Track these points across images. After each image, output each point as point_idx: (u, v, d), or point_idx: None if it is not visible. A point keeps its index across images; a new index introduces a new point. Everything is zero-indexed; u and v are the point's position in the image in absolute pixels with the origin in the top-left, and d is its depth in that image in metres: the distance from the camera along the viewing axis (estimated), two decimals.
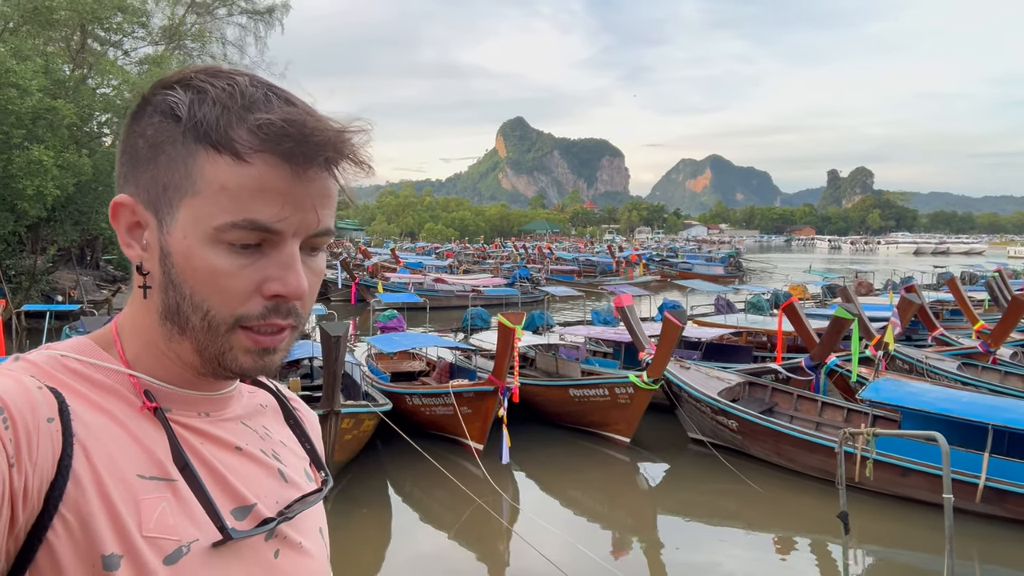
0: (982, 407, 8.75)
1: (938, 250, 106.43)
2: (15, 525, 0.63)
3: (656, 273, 45.86)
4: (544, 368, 14.15)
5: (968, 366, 12.97)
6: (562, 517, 8.97)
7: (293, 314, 0.75)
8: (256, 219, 0.70)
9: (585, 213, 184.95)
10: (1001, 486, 8.09)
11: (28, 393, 0.66)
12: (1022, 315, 14.22)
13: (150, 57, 27.50)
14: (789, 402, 11.11)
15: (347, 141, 0.72)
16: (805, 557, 8.02)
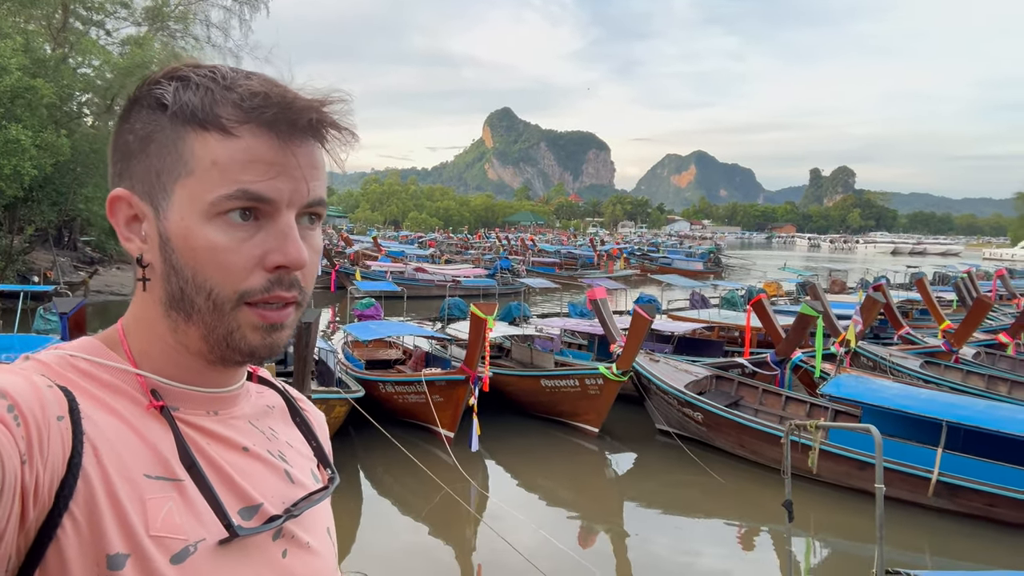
0: (938, 404, 9.02)
1: (915, 250, 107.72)
2: (26, 522, 0.63)
3: (636, 267, 46.16)
4: (519, 359, 14.34)
5: (931, 364, 13.29)
6: (530, 505, 9.15)
7: (296, 286, 0.75)
8: (248, 188, 0.72)
9: (570, 206, 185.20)
10: (953, 481, 8.34)
11: (38, 391, 0.66)
12: (985, 316, 14.61)
13: (132, 38, 27.23)
14: (754, 396, 11.38)
15: (327, 107, 0.74)
16: (762, 546, 8.26)
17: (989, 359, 14.69)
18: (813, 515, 8.64)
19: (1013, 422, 8.35)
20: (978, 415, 8.58)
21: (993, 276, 27.83)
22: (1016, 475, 8.12)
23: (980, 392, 11.75)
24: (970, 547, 7.99)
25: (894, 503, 8.60)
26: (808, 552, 8.08)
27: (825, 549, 8.18)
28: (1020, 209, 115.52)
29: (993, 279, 27.07)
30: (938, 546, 8.09)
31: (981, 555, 7.79)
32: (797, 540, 8.18)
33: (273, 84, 0.73)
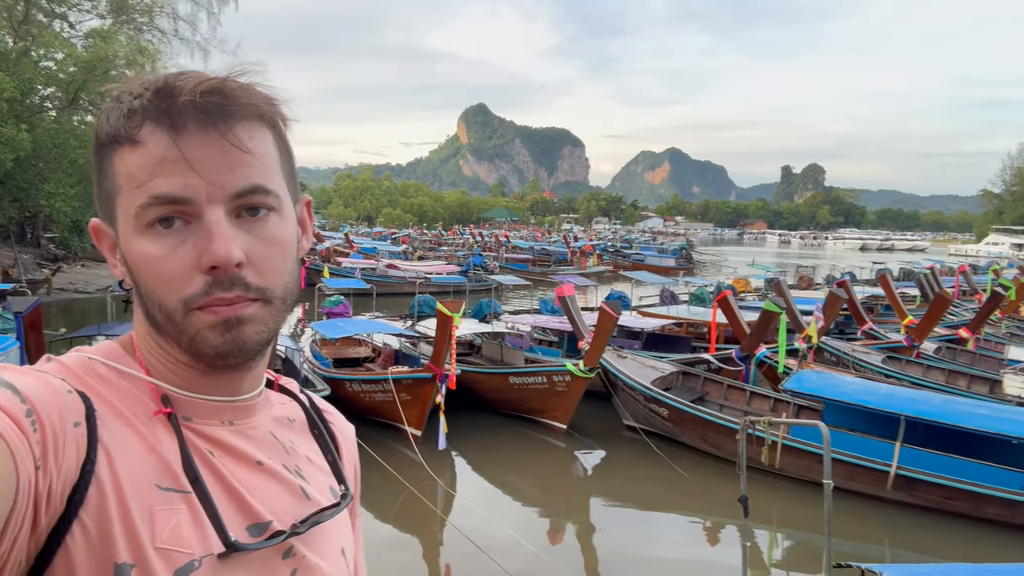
0: (896, 399, 9.18)
1: (883, 247, 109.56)
2: (37, 526, 0.63)
3: (609, 264, 46.37)
4: (489, 356, 14.34)
5: (893, 359, 13.53)
6: (498, 503, 9.16)
7: (238, 285, 0.72)
8: (159, 192, 0.70)
9: (545, 202, 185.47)
10: (911, 474, 8.49)
11: (57, 396, 0.66)
12: (945, 311, 14.91)
13: (96, 31, 26.72)
14: (720, 392, 11.50)
15: (208, 85, 0.71)
16: (724, 539, 8.34)
17: (950, 354, 15.00)
18: (775, 509, 8.77)
19: (969, 416, 8.53)
20: (935, 409, 8.76)
21: (956, 272, 28.42)
22: (971, 468, 8.30)
23: (940, 387, 11.99)
24: (927, 540, 8.14)
25: (855, 496, 8.75)
26: (771, 545, 8.20)
27: (787, 542, 8.30)
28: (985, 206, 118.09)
29: (956, 275, 27.64)
30: (896, 539, 8.24)
31: (938, 547, 7.94)
32: (760, 533, 8.30)
33: (169, 76, 0.72)
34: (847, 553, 7.52)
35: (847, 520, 8.23)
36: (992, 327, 17.42)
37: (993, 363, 14.08)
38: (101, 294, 21.88)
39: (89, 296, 24.24)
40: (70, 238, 28.08)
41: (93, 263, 31.43)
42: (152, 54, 26.18)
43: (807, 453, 8.94)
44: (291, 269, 0.78)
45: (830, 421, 8.63)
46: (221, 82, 0.71)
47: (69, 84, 23.82)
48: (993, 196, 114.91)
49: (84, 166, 22.31)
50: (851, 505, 8.58)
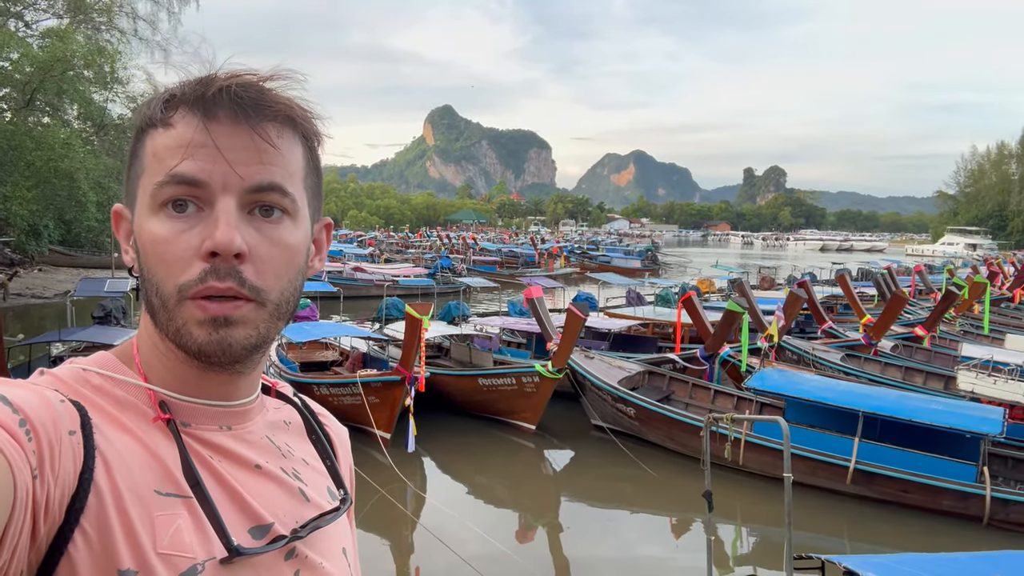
0: (855, 395, 9.45)
1: (843, 247, 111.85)
2: (37, 536, 0.62)
3: (576, 266, 46.65)
4: (458, 358, 14.38)
5: (851, 357, 13.89)
6: (468, 504, 9.21)
7: (233, 277, 0.71)
8: (177, 171, 0.71)
9: (512, 204, 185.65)
10: (869, 468, 8.74)
11: (50, 406, 0.66)
12: (901, 310, 15.33)
13: (53, 30, 26.12)
14: (685, 390, 11.70)
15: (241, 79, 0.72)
16: (690, 535, 8.50)
17: (906, 351, 15.44)
18: (739, 504, 8.96)
19: (924, 411, 8.82)
20: (891, 405, 9.04)
21: (912, 272, 29.20)
22: (926, 462, 8.58)
23: (896, 383, 12.34)
24: (885, 531, 8.37)
25: (816, 491, 8.98)
26: (735, 540, 8.37)
27: (751, 536, 8.49)
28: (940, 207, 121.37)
29: (912, 275, 28.40)
30: (855, 532, 8.47)
31: (896, 539, 8.18)
32: (725, 529, 8.47)
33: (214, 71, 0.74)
34: (809, 545, 7.71)
35: (808, 514, 8.45)
36: (947, 325, 17.97)
37: (948, 360, 14.52)
38: (60, 299, 21.39)
39: (47, 301, 23.69)
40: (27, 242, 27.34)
41: (51, 268, 30.71)
42: (111, 54, 25.65)
43: (769, 449, 9.15)
44: (292, 277, 0.77)
45: (792, 418, 8.85)
46: (260, 80, 0.73)
47: (25, 85, 23.23)
48: (948, 197, 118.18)
49: (41, 168, 21.77)
50: (812, 499, 8.81)
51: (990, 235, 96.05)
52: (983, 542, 7.88)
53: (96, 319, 14.86)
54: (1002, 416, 8.63)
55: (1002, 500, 8.16)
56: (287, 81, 0.75)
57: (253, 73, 0.74)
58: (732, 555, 8.00)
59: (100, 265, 30.35)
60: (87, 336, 13.13)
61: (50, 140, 22.00)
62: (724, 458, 8.76)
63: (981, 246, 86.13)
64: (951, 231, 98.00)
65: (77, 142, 23.06)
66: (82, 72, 24.46)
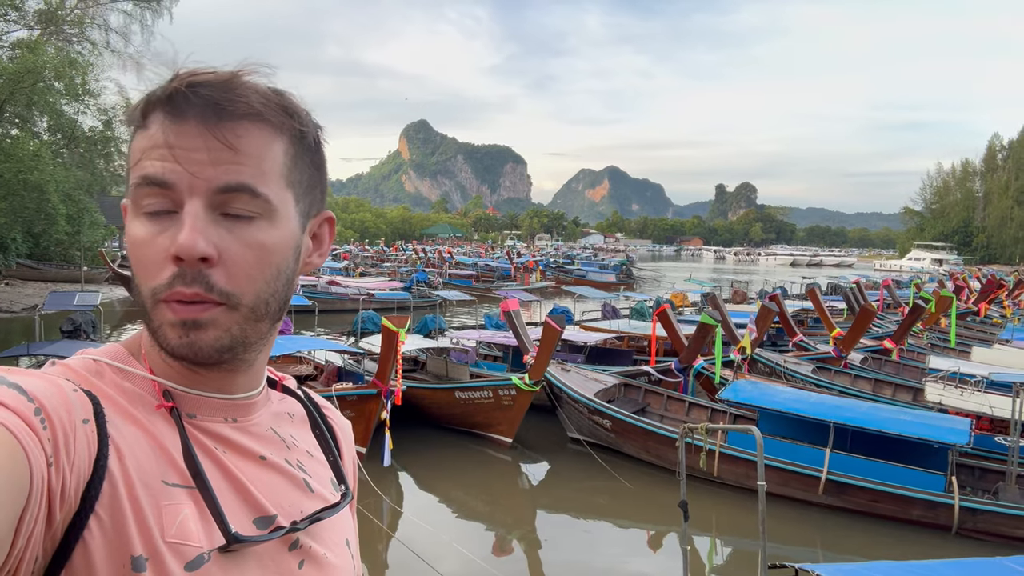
0: (826, 407, 9.60)
1: (812, 262, 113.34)
2: (52, 523, 0.63)
3: (552, 279, 46.79)
4: (435, 371, 14.33)
5: (822, 370, 14.10)
6: (444, 518, 9.17)
7: (199, 282, 0.70)
8: (146, 173, 0.70)
9: (488, 219, 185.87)
10: (841, 479, 8.86)
11: (64, 395, 0.66)
12: (870, 323, 15.61)
13: (24, 42, 25.77)
14: (660, 402, 11.79)
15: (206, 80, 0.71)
16: (666, 546, 8.55)
17: (876, 364, 15.71)
18: (715, 515, 9.04)
19: (893, 422, 8.98)
20: (862, 416, 9.19)
21: (880, 286, 29.74)
22: (897, 472, 8.73)
23: (866, 395, 12.55)
24: (857, 541, 8.47)
25: (789, 501, 9.09)
26: (710, 550, 8.43)
27: (726, 547, 8.56)
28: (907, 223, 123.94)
29: (880, 289, 28.93)
30: (828, 541, 8.57)
31: (867, 549, 8.28)
32: (700, 539, 8.53)
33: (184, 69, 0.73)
34: (782, 555, 7.80)
35: (782, 524, 8.55)
36: (914, 338, 18.31)
37: (916, 372, 14.79)
38: (28, 313, 20.98)
39: (15, 315, 23.19)
40: None
41: (18, 281, 30.09)
42: (83, 66, 25.35)
43: (743, 460, 9.25)
44: (270, 278, 0.76)
45: (764, 429, 8.93)
46: (221, 77, 0.72)
47: None
48: (914, 214, 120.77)
49: (10, 180, 21.39)
50: (785, 510, 8.91)
51: (955, 250, 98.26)
52: (952, 550, 8.02)
53: (65, 333, 14.62)
54: (969, 427, 8.80)
55: (970, 509, 8.32)
56: (253, 76, 0.73)
57: (214, 70, 0.72)
58: (708, 565, 8.06)
59: (69, 279, 29.79)
60: (56, 350, 12.88)
61: (19, 152, 21.64)
62: (699, 469, 8.85)
63: (947, 261, 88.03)
64: (918, 246, 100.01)
65: (47, 154, 22.73)
66: (53, 84, 24.13)
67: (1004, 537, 8.16)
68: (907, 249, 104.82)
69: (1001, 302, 29.06)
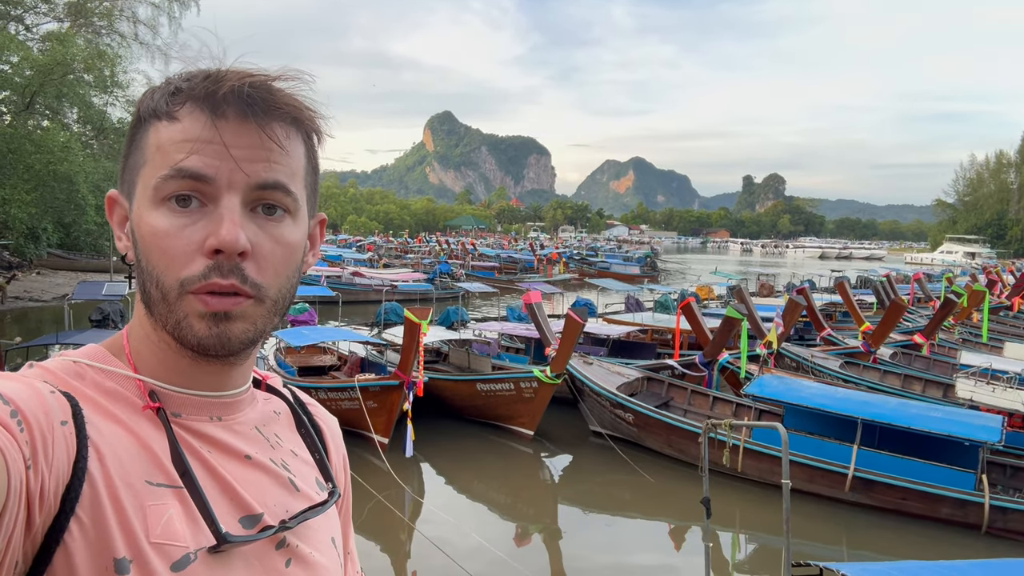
0: (853, 402, 9.42)
1: (842, 255, 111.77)
2: (32, 526, 0.63)
3: (575, 271, 46.65)
4: (457, 363, 14.36)
5: (850, 364, 13.87)
6: (465, 509, 9.17)
7: (236, 274, 0.72)
8: (182, 166, 0.71)
9: (511, 210, 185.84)
10: (868, 476, 8.71)
11: (41, 397, 0.66)
12: (900, 318, 15.32)
13: (54, 34, 26.22)
14: (683, 397, 11.68)
15: (254, 79, 0.73)
16: (688, 541, 8.46)
17: (905, 359, 15.43)
18: (737, 511, 8.93)
19: (922, 419, 8.79)
20: (890, 413, 9.01)
21: (911, 280, 29.20)
22: (926, 469, 8.55)
23: (895, 391, 12.32)
24: (884, 539, 8.35)
25: (814, 498, 8.96)
26: (733, 547, 8.34)
27: (750, 544, 8.46)
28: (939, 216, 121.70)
29: (911, 283, 28.40)
30: (854, 539, 8.44)
31: (894, 547, 8.15)
32: (723, 536, 8.44)
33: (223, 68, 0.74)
34: (807, 553, 7.69)
35: (807, 521, 8.43)
36: (946, 333, 17.96)
37: (946, 368, 14.50)
38: (58, 302, 21.35)
39: (45, 304, 23.66)
40: (26, 245, 27.34)
41: (49, 271, 30.69)
42: (111, 58, 25.71)
43: (767, 456, 9.13)
44: (290, 274, 0.78)
45: (790, 425, 8.84)
46: (269, 80, 0.74)
47: (25, 88, 23.28)
48: (946, 206, 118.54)
49: (40, 172, 21.77)
50: (811, 507, 8.79)
51: (988, 244, 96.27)
52: (981, 550, 7.87)
53: (94, 322, 14.86)
54: (1001, 424, 8.60)
55: (1000, 508, 8.14)
56: (295, 82, 0.76)
57: (263, 73, 0.74)
58: (730, 562, 7.98)
59: (98, 269, 30.32)
60: (84, 339, 13.09)
61: (49, 143, 22.03)
62: (723, 464, 8.74)
63: (980, 254, 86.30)
64: (950, 239, 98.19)
65: (76, 145, 23.11)
66: (82, 76, 24.50)
67: None
68: (939, 242, 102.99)
69: None
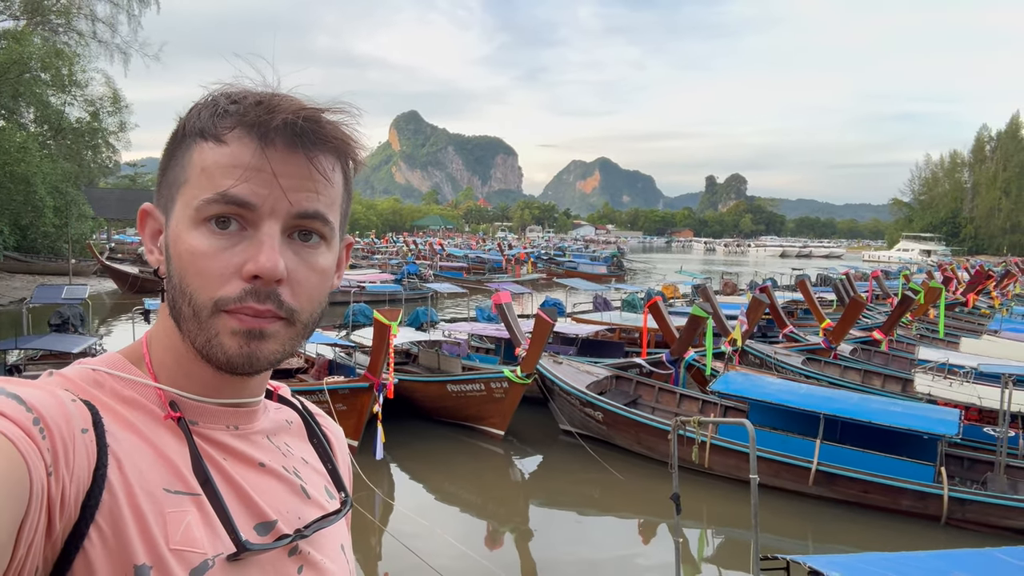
0: (816, 398, 9.63)
1: (802, 253, 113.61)
2: (52, 533, 0.63)
3: (543, 271, 46.79)
4: (426, 364, 14.32)
5: (812, 361, 14.16)
6: (436, 511, 9.17)
7: (272, 300, 0.74)
8: (228, 192, 0.72)
9: (479, 210, 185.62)
10: (831, 470, 8.91)
11: (62, 405, 0.67)
12: (860, 315, 15.69)
13: (9, 32, 25.49)
14: (651, 394, 11.82)
15: (308, 112, 0.74)
16: (657, 537, 8.58)
17: (865, 355, 15.78)
18: (706, 507, 9.08)
19: (883, 413, 9.02)
20: (851, 407, 9.23)
21: (869, 277, 29.88)
22: (886, 463, 8.78)
23: (856, 386, 12.61)
24: (848, 532, 8.53)
25: (780, 492, 9.14)
26: (701, 542, 8.48)
27: (717, 538, 8.59)
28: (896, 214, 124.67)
29: (869, 280, 29.06)
30: (819, 532, 8.62)
31: (857, 539, 8.34)
32: (692, 531, 8.57)
33: (273, 94, 0.75)
34: (774, 547, 7.84)
35: (773, 515, 8.60)
36: (903, 329, 18.42)
37: (905, 363, 14.88)
38: (15, 306, 20.80)
39: (2, 308, 23.00)
40: None
41: (6, 275, 29.83)
42: (69, 57, 25.10)
43: (735, 452, 9.29)
44: (322, 300, 0.81)
45: (755, 421, 8.98)
46: (319, 112, 0.75)
47: None
48: (903, 205, 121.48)
49: None
50: (777, 501, 8.96)
51: (944, 241, 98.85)
52: (941, 541, 8.09)
53: (53, 327, 14.48)
54: (958, 417, 8.86)
55: (959, 500, 8.39)
56: (344, 115, 0.77)
57: (315, 105, 0.75)
58: (699, 557, 8.10)
59: (57, 271, 29.56)
60: (44, 344, 12.80)
61: (5, 144, 21.45)
62: (691, 461, 8.88)
63: (935, 252, 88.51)
64: (906, 237, 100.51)
65: (34, 146, 22.54)
66: (39, 75, 23.89)
67: (993, 527, 8.24)
68: (896, 240, 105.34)
69: (989, 293, 29.23)
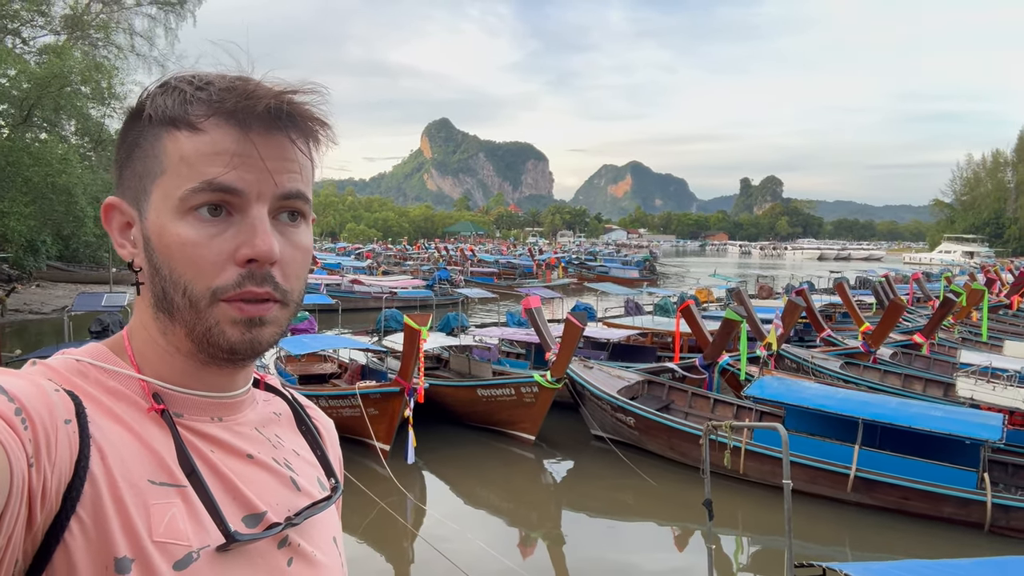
0: (854, 403, 9.42)
1: (840, 256, 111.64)
2: (33, 525, 0.63)
3: (574, 276, 46.65)
4: (457, 369, 14.36)
5: (850, 365, 13.87)
6: (468, 515, 9.16)
7: (270, 282, 0.74)
8: (213, 180, 0.72)
9: (510, 216, 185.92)
10: (869, 476, 8.70)
11: (45, 395, 0.66)
12: (900, 318, 15.34)
13: (51, 47, 26.25)
14: (684, 399, 11.68)
15: (288, 95, 0.74)
16: (691, 544, 8.47)
17: (905, 359, 15.43)
18: (740, 513, 8.93)
19: (923, 418, 8.79)
20: (891, 412, 9.01)
21: (910, 280, 29.22)
22: (927, 469, 8.55)
23: (896, 391, 12.32)
24: (887, 539, 8.34)
25: (817, 499, 8.96)
26: (737, 549, 8.33)
27: (752, 546, 8.45)
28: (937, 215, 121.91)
29: (910, 282, 28.42)
30: (857, 540, 8.43)
31: (896, 547, 8.14)
32: (726, 538, 8.43)
33: (242, 78, 0.74)
34: (809, 554, 7.69)
35: (809, 522, 8.43)
36: (945, 332, 17.96)
37: (947, 367, 14.50)
38: (57, 314, 21.34)
39: (45, 317, 23.64)
40: (25, 258, 27.32)
41: (49, 283, 30.67)
42: (108, 70, 25.73)
43: (769, 457, 9.13)
44: (305, 277, 0.81)
45: (791, 426, 8.84)
46: (294, 93, 0.75)
47: (23, 101, 23.30)
48: (944, 206, 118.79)
49: (39, 184, 21.78)
50: (813, 508, 8.78)
51: (987, 242, 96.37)
52: (984, 548, 7.86)
53: (93, 333, 14.83)
54: (1002, 422, 8.61)
55: (1003, 506, 8.14)
56: (315, 95, 0.77)
57: (289, 87, 0.75)
58: (734, 563, 7.97)
59: (98, 280, 30.31)
60: None
61: (48, 156, 22.04)
62: (724, 467, 8.74)
63: (978, 253, 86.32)
64: (948, 239, 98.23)
65: (75, 157, 23.12)
66: (79, 88, 24.52)
67: None
68: (937, 242, 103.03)
69: None
